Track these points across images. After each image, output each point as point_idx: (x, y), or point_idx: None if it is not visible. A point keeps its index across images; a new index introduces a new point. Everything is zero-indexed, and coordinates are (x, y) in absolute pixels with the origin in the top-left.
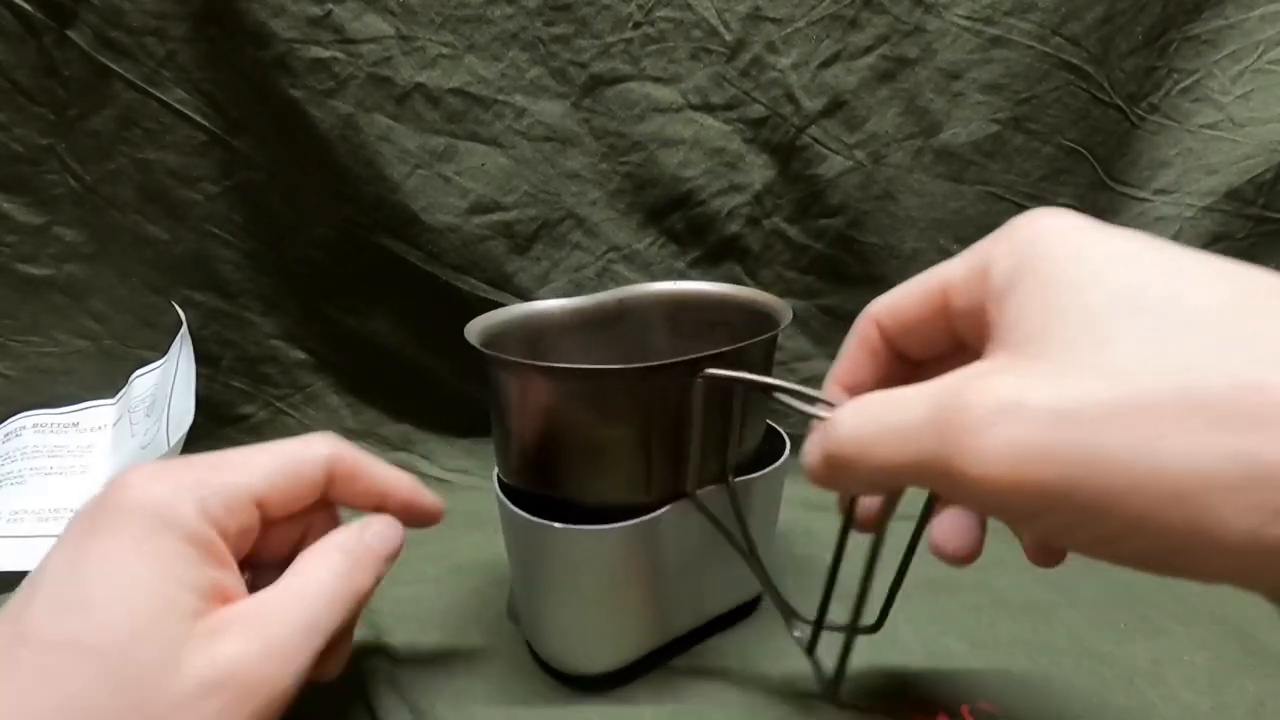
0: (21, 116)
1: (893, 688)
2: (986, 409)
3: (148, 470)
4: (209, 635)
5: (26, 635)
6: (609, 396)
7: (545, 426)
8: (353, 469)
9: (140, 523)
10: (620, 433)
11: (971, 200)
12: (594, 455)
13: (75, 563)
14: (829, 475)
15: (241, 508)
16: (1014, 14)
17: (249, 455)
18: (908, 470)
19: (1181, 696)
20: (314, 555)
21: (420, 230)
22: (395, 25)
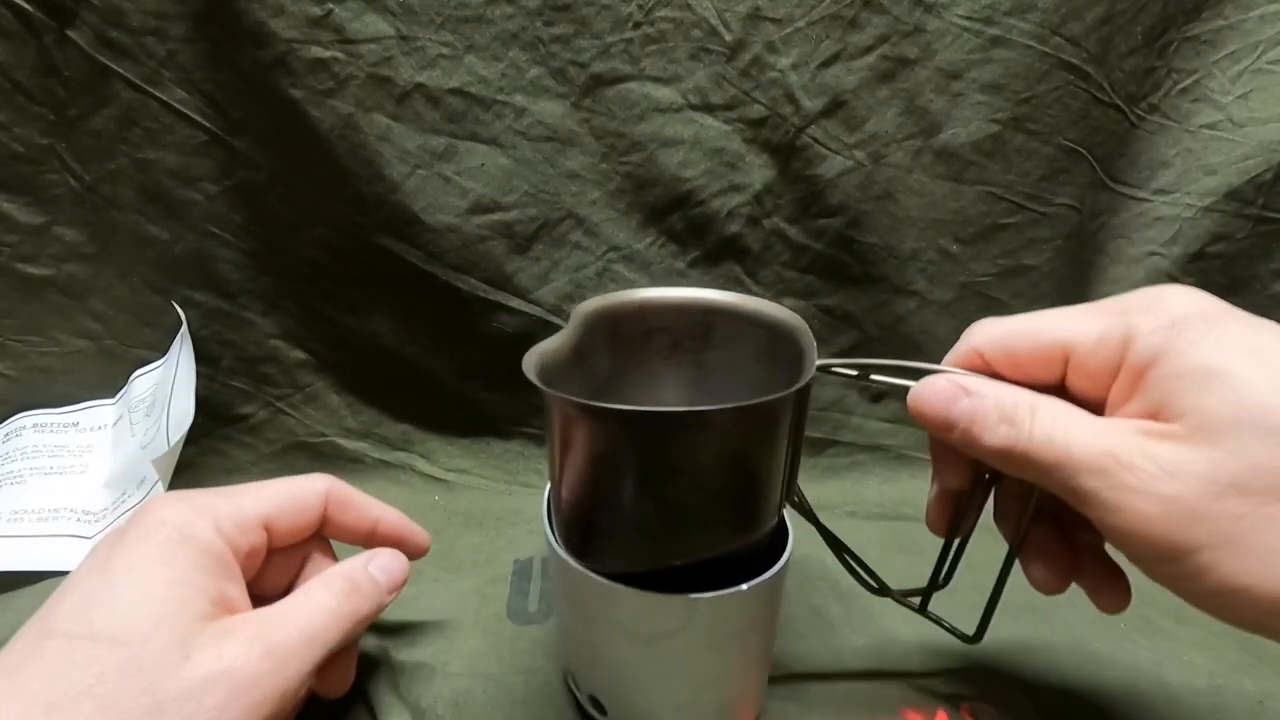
0: (21, 116)
1: (892, 687)
2: (1153, 470)
3: (170, 496)
4: (217, 635)
5: (53, 629)
6: (737, 432)
7: (670, 484)
8: (346, 498)
9: (162, 536)
10: (739, 471)
11: (971, 200)
12: (717, 502)
13: (102, 568)
14: (1000, 456)
15: (252, 528)
16: (1014, 14)
17: (257, 486)
18: (1071, 491)
19: (1181, 696)
20: (319, 579)
21: (420, 230)
22: (395, 25)
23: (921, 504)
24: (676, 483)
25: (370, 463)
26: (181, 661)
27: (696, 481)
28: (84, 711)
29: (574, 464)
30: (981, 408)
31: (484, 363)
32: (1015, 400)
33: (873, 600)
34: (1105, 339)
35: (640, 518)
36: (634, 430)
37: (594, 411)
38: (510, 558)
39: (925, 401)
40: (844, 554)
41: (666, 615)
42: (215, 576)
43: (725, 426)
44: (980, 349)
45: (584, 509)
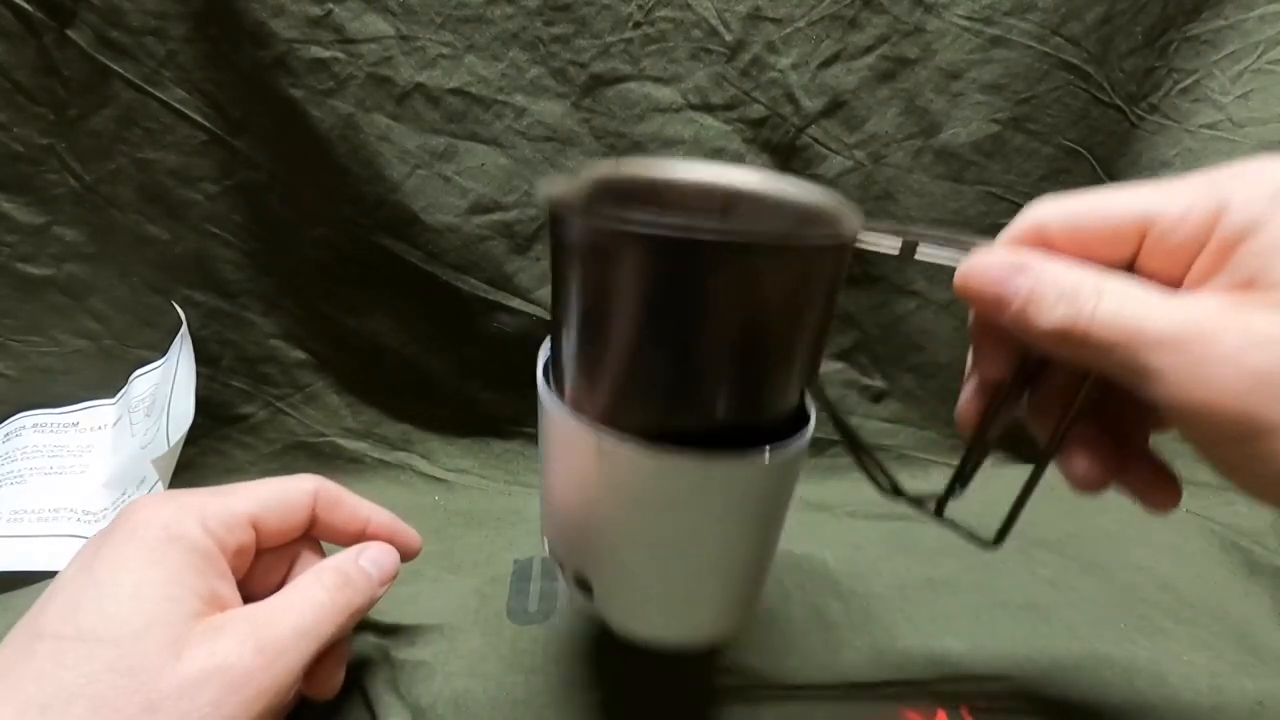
0: (21, 116)
1: (892, 687)
2: (1242, 340)
3: (155, 497)
4: (208, 632)
5: (42, 631)
6: (804, 276)
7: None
8: (335, 497)
9: (149, 535)
10: (775, 323)
11: (971, 200)
12: (745, 357)
13: (88, 569)
14: (1057, 337)
15: (239, 526)
16: (1014, 14)
17: (245, 485)
18: (1137, 370)
19: (1181, 696)
20: (310, 574)
21: (420, 230)
22: (395, 25)
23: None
24: (707, 325)
25: (370, 463)
26: (173, 659)
27: (728, 326)
28: (77, 712)
29: (585, 299)
30: (1040, 284)
31: (484, 363)
32: (1078, 278)
33: (873, 600)
34: (1192, 210)
35: (658, 367)
36: (668, 256)
37: (621, 232)
38: (510, 558)
39: (977, 276)
40: (858, 449)
41: (677, 479)
42: (204, 574)
43: (771, 263)
44: (1042, 224)
45: (590, 354)
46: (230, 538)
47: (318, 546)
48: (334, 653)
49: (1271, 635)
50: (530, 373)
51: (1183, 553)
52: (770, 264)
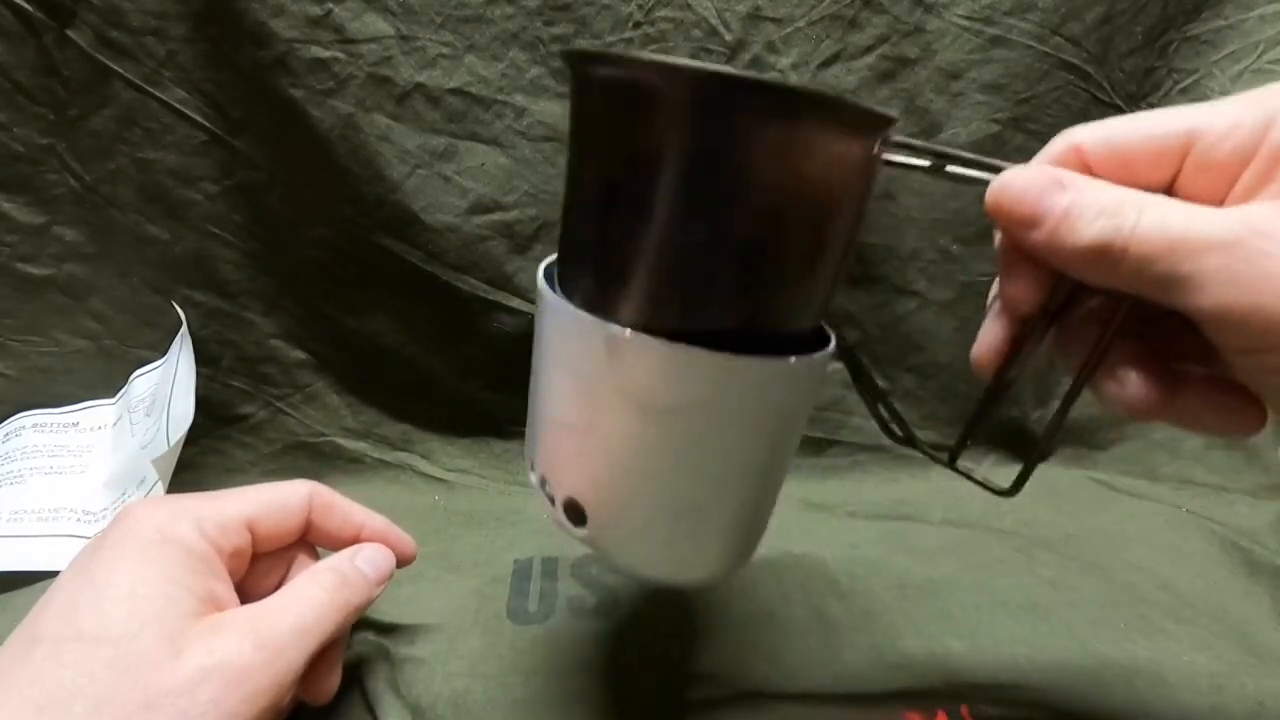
0: (21, 116)
1: (892, 687)
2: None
3: (150, 501)
4: (207, 630)
5: (39, 633)
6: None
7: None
8: (329, 502)
9: (144, 538)
10: (811, 214)
11: (971, 200)
12: (777, 251)
13: (85, 572)
14: (1090, 257)
15: (234, 529)
16: (1014, 14)
17: (239, 490)
18: (1182, 280)
19: (1181, 696)
20: (307, 574)
21: (420, 230)
22: (395, 25)
23: (921, 503)
24: (741, 193)
25: (370, 463)
26: (172, 657)
27: (763, 197)
28: (76, 712)
29: (609, 164)
30: (1079, 200)
31: (484, 363)
32: (1120, 194)
33: (873, 600)
34: (1239, 124)
35: (685, 243)
36: (714, 102)
37: (668, 69)
38: (510, 558)
39: (1012, 191)
40: (870, 391)
41: (696, 378)
42: (201, 575)
43: (814, 127)
44: (1079, 144)
45: (609, 233)
46: (225, 540)
47: (313, 551)
48: (329, 656)
49: (1271, 635)
50: (529, 372)
51: (1183, 553)
52: (818, 127)
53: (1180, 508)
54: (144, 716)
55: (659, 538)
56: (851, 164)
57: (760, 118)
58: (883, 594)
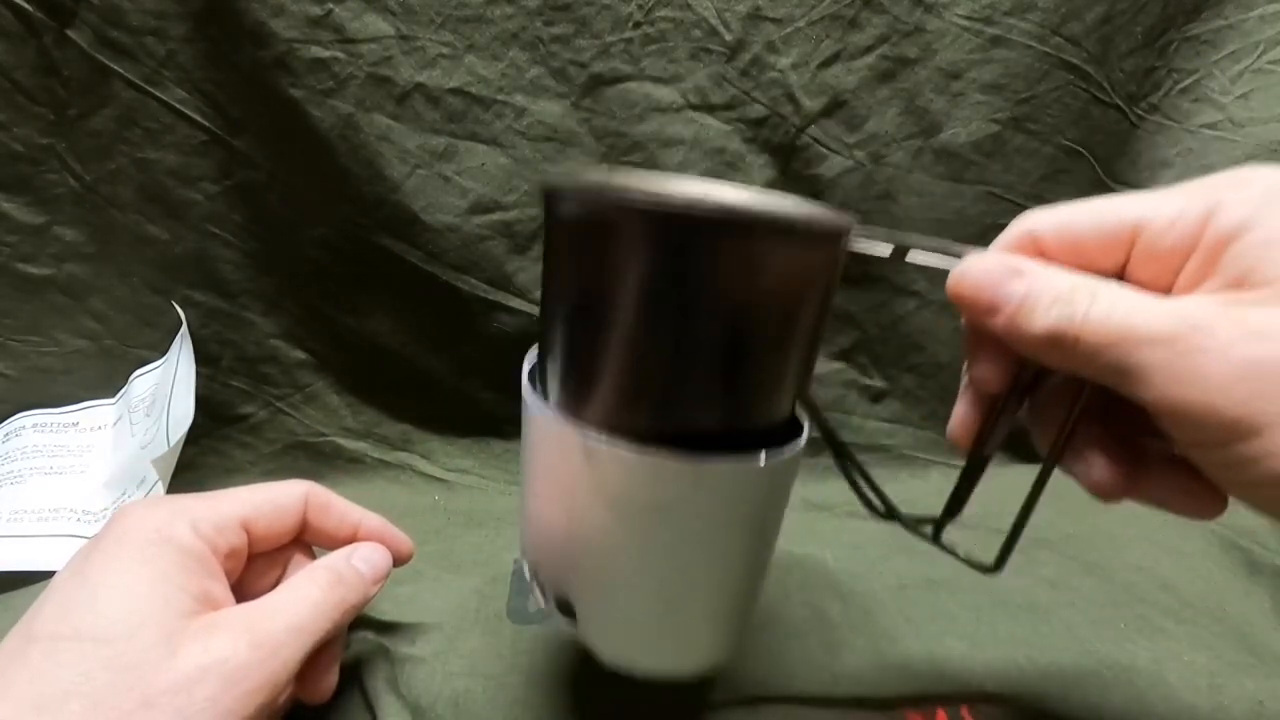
0: (21, 116)
1: (892, 687)
2: (1235, 333)
3: (146, 502)
4: (203, 629)
5: (36, 632)
6: (799, 264)
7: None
8: (326, 501)
9: (140, 538)
10: (780, 314)
11: (971, 200)
12: (749, 353)
13: (81, 573)
14: (1045, 344)
15: (230, 528)
16: (1014, 14)
17: (234, 490)
18: (1129, 370)
19: (1181, 696)
20: (303, 573)
21: (420, 230)
22: (395, 25)
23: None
24: (704, 310)
25: (370, 463)
26: (168, 656)
27: (726, 312)
28: (73, 710)
29: (578, 285)
30: (1034, 288)
31: (484, 363)
32: (1073, 283)
33: (873, 600)
34: (1183, 215)
35: (652, 358)
36: (669, 233)
37: (623, 207)
38: (510, 558)
39: (971, 280)
40: (852, 469)
41: (669, 482)
42: (196, 574)
43: (771, 246)
44: (1034, 231)
45: (582, 347)
46: (221, 540)
47: (309, 551)
48: (326, 656)
49: (1271, 635)
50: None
51: (1183, 553)
52: (771, 246)
53: None
54: (141, 715)
55: (645, 634)
56: (811, 268)
57: (714, 244)
58: (883, 594)
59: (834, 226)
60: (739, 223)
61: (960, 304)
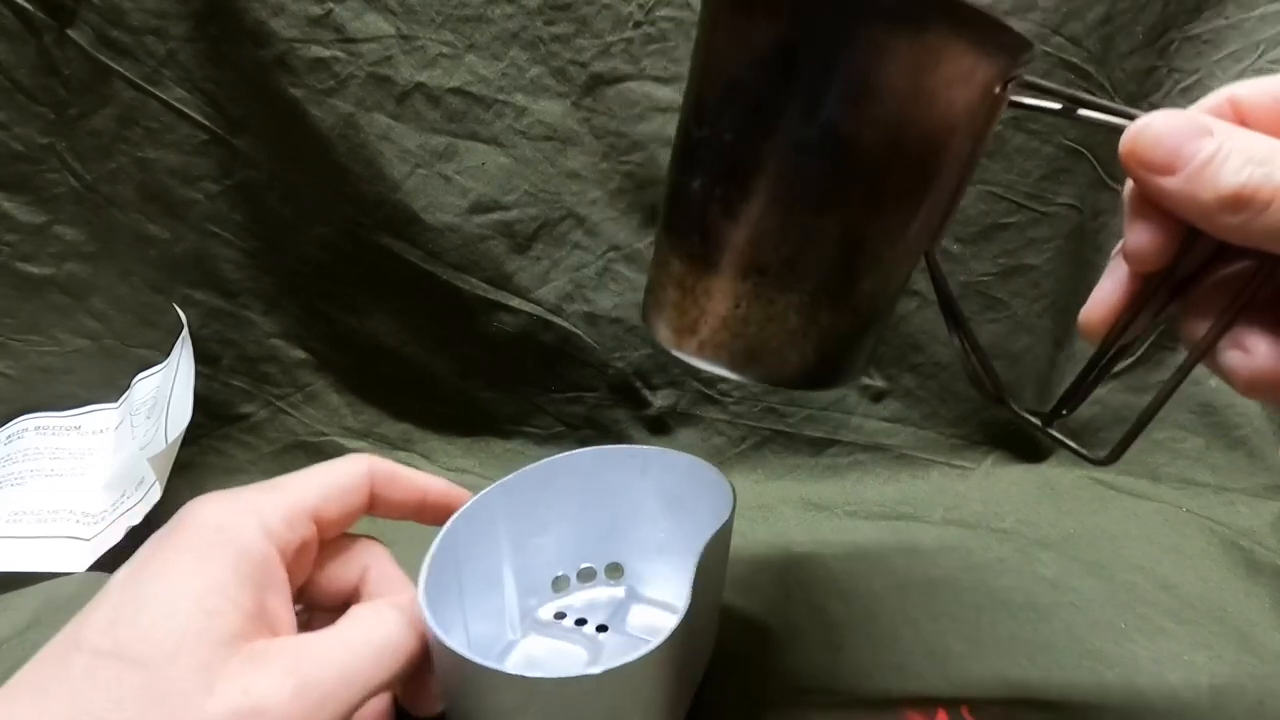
0: (22, 115)
1: (892, 687)
2: None
3: (213, 495)
4: (247, 662)
5: (82, 641)
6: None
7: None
8: (391, 472)
9: (201, 540)
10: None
11: (971, 200)
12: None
13: (137, 574)
14: (1230, 206)
15: (300, 521)
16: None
17: (300, 475)
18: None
19: (1181, 696)
20: (369, 607)
21: (420, 230)
22: (395, 24)
23: (921, 503)
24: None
25: None
26: (204, 691)
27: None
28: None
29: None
30: (1226, 147)
31: (484, 362)
32: (1274, 145)
33: (873, 600)
34: None
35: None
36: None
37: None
38: None
39: (1152, 133)
40: (967, 341)
41: (502, 693)
42: (255, 585)
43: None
44: (1238, 97)
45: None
46: (292, 535)
47: (387, 555)
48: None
49: (1271, 635)
50: (529, 372)
51: (1183, 553)
52: (943, 41)
53: (1180, 508)
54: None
55: None
56: (983, 81)
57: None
58: (883, 594)
59: (1019, 40)
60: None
61: (1130, 161)
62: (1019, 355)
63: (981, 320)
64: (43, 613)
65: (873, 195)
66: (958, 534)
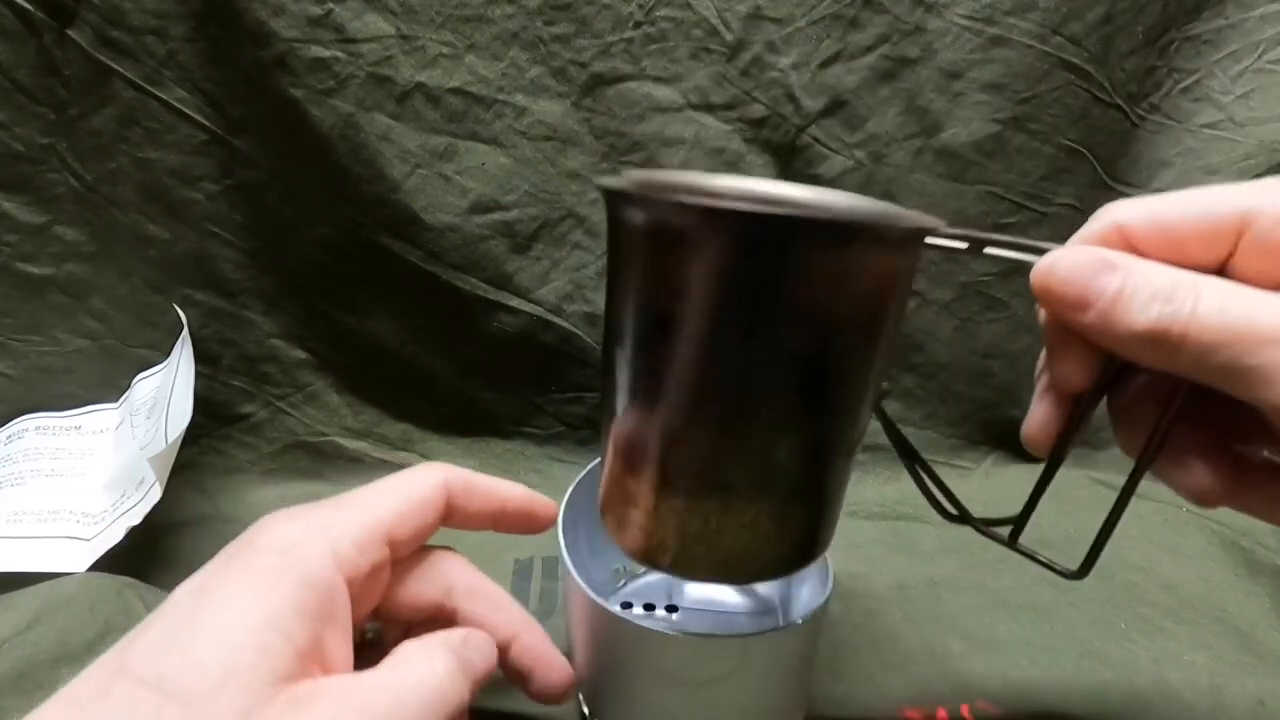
0: (22, 116)
1: (892, 686)
2: None
3: (286, 513)
4: (288, 707)
5: (127, 667)
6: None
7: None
8: (467, 484)
9: (265, 564)
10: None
11: (971, 200)
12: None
13: (195, 596)
14: (1144, 342)
15: (373, 546)
16: (1014, 14)
17: (372, 492)
18: (1250, 371)
19: (1181, 696)
20: (420, 646)
21: (420, 230)
22: (395, 25)
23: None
24: (788, 317)
25: (370, 462)
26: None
27: (810, 323)
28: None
29: (653, 308)
30: (1130, 282)
31: (484, 362)
32: (1174, 278)
33: (873, 600)
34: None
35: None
36: (765, 244)
37: (710, 211)
38: (510, 557)
39: (1061, 272)
40: (922, 472)
41: (720, 658)
42: (313, 618)
43: (874, 250)
44: (1124, 224)
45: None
46: (364, 560)
47: (472, 567)
48: None
49: (1271, 635)
50: (529, 372)
51: (1183, 553)
52: (868, 249)
53: (1180, 507)
54: None
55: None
56: (902, 270)
57: (808, 251)
58: (883, 594)
59: (919, 227)
60: (837, 226)
61: (1046, 299)
62: (1019, 355)
63: (981, 320)
64: (43, 613)
65: (822, 395)
66: (958, 534)
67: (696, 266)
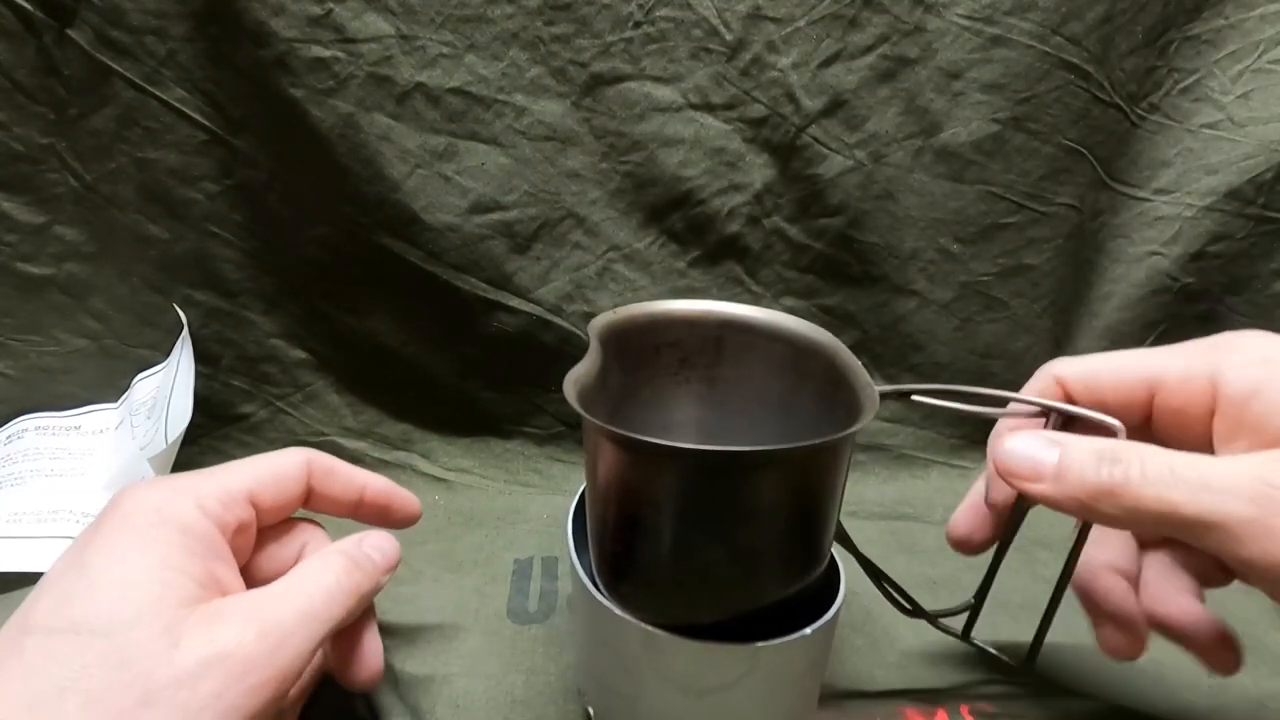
0: (21, 115)
1: (892, 686)
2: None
3: (146, 482)
4: (207, 618)
5: (31, 625)
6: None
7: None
8: (329, 466)
9: (140, 520)
10: (811, 507)
11: (971, 200)
12: (789, 542)
13: (78, 561)
14: (1100, 496)
15: (236, 503)
16: (1014, 13)
17: (237, 462)
18: (1192, 525)
19: (1181, 696)
20: (315, 558)
21: (420, 230)
22: (395, 25)
23: (921, 503)
24: (752, 525)
25: (370, 462)
26: (170, 648)
27: (771, 522)
28: (70, 708)
29: (629, 505)
30: (1068, 454)
31: (484, 362)
32: (1115, 446)
33: (872, 599)
34: (1190, 374)
35: (709, 565)
36: (709, 471)
37: (663, 451)
38: (510, 558)
39: (1011, 452)
40: (882, 580)
41: (726, 666)
42: (201, 557)
43: (803, 463)
44: (1061, 377)
45: (637, 555)
46: (229, 515)
47: (324, 533)
48: (357, 638)
49: (1271, 635)
50: (529, 372)
51: None
52: (809, 460)
53: None
54: (141, 713)
55: None
56: (844, 453)
57: (762, 476)
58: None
59: (852, 432)
60: (763, 460)
61: (1008, 479)
62: (1019, 355)
63: (982, 320)
64: None
65: (792, 559)
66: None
67: (654, 478)
